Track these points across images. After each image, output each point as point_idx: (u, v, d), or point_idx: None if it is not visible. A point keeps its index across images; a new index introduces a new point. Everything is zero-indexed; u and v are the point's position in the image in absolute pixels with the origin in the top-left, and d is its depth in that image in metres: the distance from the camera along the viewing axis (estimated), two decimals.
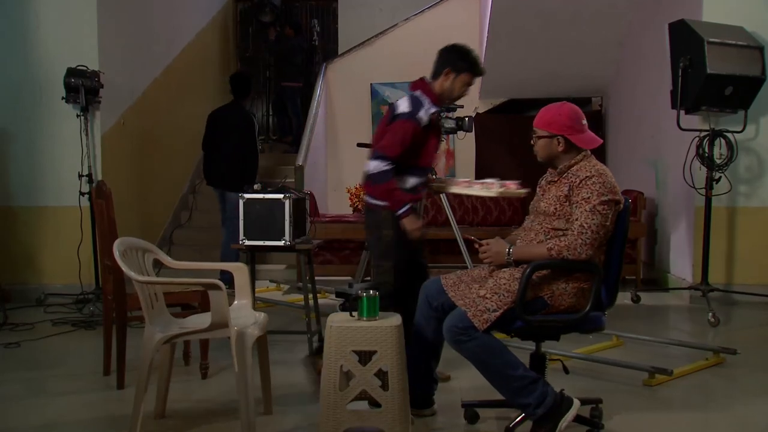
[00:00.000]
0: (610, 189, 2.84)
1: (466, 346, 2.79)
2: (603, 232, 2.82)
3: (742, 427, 3.23)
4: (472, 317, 2.77)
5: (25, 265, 5.99)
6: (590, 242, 2.79)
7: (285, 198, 4.19)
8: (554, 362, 3.20)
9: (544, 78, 8.40)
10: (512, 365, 2.82)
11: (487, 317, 2.77)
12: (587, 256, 2.79)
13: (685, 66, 5.31)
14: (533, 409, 2.81)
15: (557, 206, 2.91)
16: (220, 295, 2.87)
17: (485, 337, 2.78)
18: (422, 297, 3.13)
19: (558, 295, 2.85)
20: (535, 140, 3.00)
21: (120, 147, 6.40)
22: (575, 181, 2.88)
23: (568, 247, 2.79)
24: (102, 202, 3.85)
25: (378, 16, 10.51)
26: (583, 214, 2.81)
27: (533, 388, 2.81)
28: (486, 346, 2.79)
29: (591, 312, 2.86)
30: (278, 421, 3.21)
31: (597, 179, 2.84)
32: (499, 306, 2.79)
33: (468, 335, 2.77)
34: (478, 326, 2.76)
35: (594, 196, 2.82)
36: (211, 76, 9.72)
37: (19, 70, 5.95)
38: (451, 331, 2.80)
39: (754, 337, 4.88)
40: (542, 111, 3.00)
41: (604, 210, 2.82)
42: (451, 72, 3.59)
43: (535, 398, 2.80)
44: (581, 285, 2.86)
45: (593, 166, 2.91)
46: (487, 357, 2.81)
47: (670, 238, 6.58)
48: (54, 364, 4.24)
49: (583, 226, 2.80)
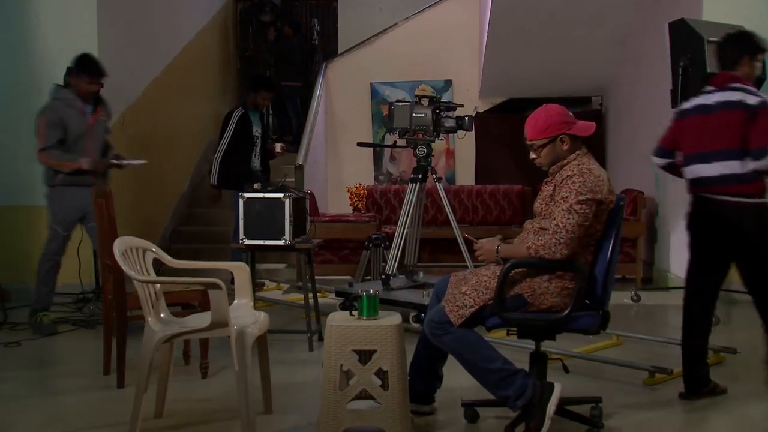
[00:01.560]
0: (590, 188, 2.82)
1: (441, 340, 2.90)
2: (580, 232, 2.82)
3: (742, 426, 3.24)
4: (448, 312, 2.87)
5: (25, 265, 5.97)
6: (565, 242, 2.79)
7: (285, 197, 4.19)
8: (554, 361, 3.20)
9: (544, 77, 8.40)
10: (489, 359, 2.89)
11: (463, 313, 2.85)
12: (562, 256, 2.80)
13: (685, 65, 5.30)
14: (513, 401, 2.87)
15: (543, 206, 2.95)
16: (220, 294, 2.87)
17: (461, 331, 2.87)
18: (433, 294, 3.20)
19: (539, 294, 2.87)
20: (537, 152, 2.98)
21: (120, 146, 6.36)
22: (559, 180, 2.91)
23: (543, 246, 2.81)
24: (102, 202, 3.85)
25: (378, 15, 10.50)
26: (560, 214, 2.82)
27: (512, 380, 2.87)
28: (462, 340, 2.88)
29: (576, 312, 2.85)
30: (278, 421, 3.21)
31: (578, 178, 2.84)
32: (476, 302, 2.86)
33: (443, 329, 2.88)
34: (453, 321, 2.86)
35: (572, 196, 2.82)
36: (211, 76, 9.71)
37: (19, 69, 5.95)
38: (429, 325, 2.93)
39: (755, 336, 4.84)
40: (530, 123, 2.98)
41: (582, 209, 2.81)
42: (749, 57, 3.55)
43: (515, 390, 2.85)
44: (566, 284, 2.87)
45: (579, 165, 2.90)
46: (463, 351, 2.90)
47: (670, 238, 6.58)
48: (54, 364, 4.25)
49: (558, 225, 2.80)
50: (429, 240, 6.39)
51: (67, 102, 4.83)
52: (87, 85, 4.83)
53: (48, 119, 4.76)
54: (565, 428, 3.00)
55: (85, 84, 4.82)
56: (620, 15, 7.54)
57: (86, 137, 4.85)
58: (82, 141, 4.84)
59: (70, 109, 4.81)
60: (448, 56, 9.41)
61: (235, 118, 6.16)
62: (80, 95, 4.84)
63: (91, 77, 4.83)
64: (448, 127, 4.98)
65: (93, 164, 4.80)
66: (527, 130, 2.98)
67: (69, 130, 4.77)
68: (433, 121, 4.90)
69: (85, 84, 4.82)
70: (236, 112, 6.23)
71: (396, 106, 5.00)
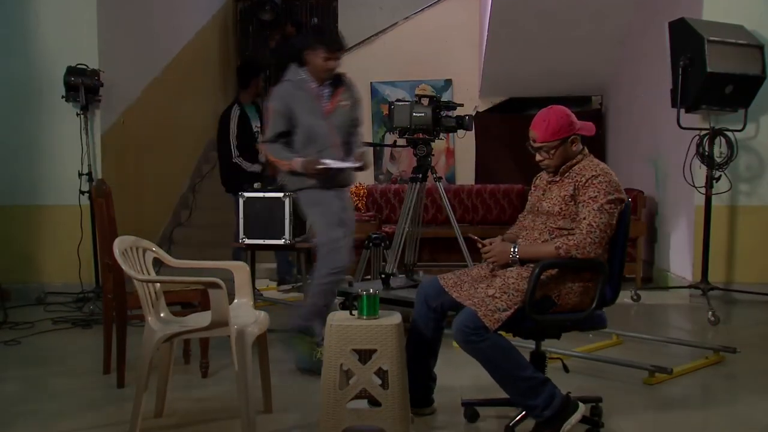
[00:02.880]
0: (615, 188, 2.86)
1: (478, 347, 2.77)
2: (610, 231, 2.84)
3: (742, 425, 3.23)
4: (482, 317, 2.75)
5: (25, 264, 5.99)
6: (599, 241, 2.80)
7: (285, 197, 4.20)
8: (554, 361, 3.20)
9: (544, 76, 8.40)
10: (521, 366, 2.82)
11: (498, 317, 2.75)
12: (596, 255, 2.80)
13: (685, 64, 5.31)
14: (541, 411, 2.80)
15: (562, 206, 2.91)
16: (220, 293, 2.87)
17: (495, 337, 2.77)
18: (420, 297, 3.12)
19: (565, 294, 2.86)
20: (548, 154, 2.95)
21: (120, 145, 6.39)
22: (580, 180, 2.89)
23: (577, 246, 2.79)
24: (102, 201, 3.85)
25: (378, 14, 10.49)
26: (591, 213, 2.82)
27: (541, 389, 2.81)
28: (497, 346, 2.78)
29: (595, 310, 2.88)
30: (278, 420, 3.21)
31: (603, 178, 2.86)
32: (509, 305, 2.77)
33: (479, 335, 2.75)
34: (489, 326, 2.74)
35: (601, 195, 2.83)
36: (211, 75, 9.71)
37: (19, 68, 5.95)
38: (463, 332, 2.77)
39: (754, 335, 4.87)
40: (540, 126, 2.93)
41: (611, 209, 2.83)
42: None
43: (543, 400, 2.80)
44: (586, 283, 2.87)
45: (597, 164, 2.93)
46: (497, 358, 2.80)
47: (670, 237, 6.58)
48: (54, 363, 4.24)
49: (591, 225, 2.80)
50: (429, 239, 6.39)
51: (298, 84, 3.98)
52: (324, 62, 3.97)
53: (273, 107, 3.97)
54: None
55: (322, 60, 3.97)
56: (620, 14, 7.54)
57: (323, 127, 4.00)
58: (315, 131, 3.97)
59: (300, 92, 3.98)
60: (448, 55, 9.40)
61: (235, 116, 6.10)
62: (315, 74, 4.00)
63: (330, 51, 3.97)
64: (448, 127, 4.98)
65: (303, 166, 3.91)
66: (538, 133, 2.94)
67: (297, 118, 3.97)
68: (433, 121, 4.89)
69: (322, 60, 3.97)
70: (234, 110, 6.13)
71: (396, 106, 5.00)
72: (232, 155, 6.07)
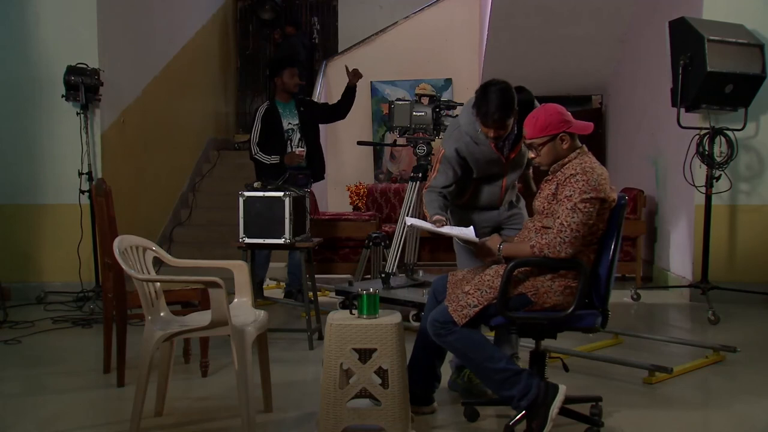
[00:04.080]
0: (593, 187, 2.81)
1: (445, 340, 2.92)
2: (584, 231, 2.82)
3: (742, 425, 3.23)
4: (452, 312, 2.88)
5: (25, 263, 5.99)
6: (569, 240, 2.79)
7: (285, 196, 4.19)
8: (554, 360, 3.20)
9: (544, 75, 8.39)
10: (494, 359, 2.90)
11: (467, 312, 2.86)
12: (567, 255, 2.80)
13: (685, 64, 5.31)
14: (517, 402, 2.87)
15: (545, 204, 2.93)
16: (220, 293, 2.87)
17: (465, 331, 2.88)
18: (430, 293, 3.20)
19: (543, 293, 2.86)
20: (537, 151, 2.95)
21: (120, 145, 6.39)
22: (561, 178, 2.89)
23: (548, 245, 2.81)
24: (102, 200, 3.85)
25: (378, 13, 10.50)
26: (564, 212, 2.82)
27: (516, 380, 2.87)
28: (466, 340, 2.89)
29: (579, 311, 2.85)
30: (278, 419, 3.22)
31: (581, 177, 2.83)
32: (480, 302, 2.86)
33: (447, 329, 2.89)
34: (457, 321, 2.86)
35: (576, 194, 2.81)
36: (211, 74, 9.71)
37: (18, 67, 5.94)
38: (432, 325, 2.93)
39: (754, 334, 4.87)
40: (530, 123, 2.95)
41: (586, 208, 2.80)
42: None
43: (519, 390, 2.86)
44: (568, 283, 2.86)
45: (581, 163, 2.88)
46: (467, 350, 2.91)
47: (670, 236, 6.58)
48: (54, 362, 4.24)
49: (563, 224, 2.80)
50: (429, 239, 6.39)
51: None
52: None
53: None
54: (565, 427, 3.00)
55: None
56: (620, 13, 7.54)
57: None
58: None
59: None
60: (449, 54, 9.40)
61: (260, 114, 5.95)
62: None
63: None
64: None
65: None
66: (526, 129, 2.96)
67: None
68: (433, 120, 4.90)
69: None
70: (261, 108, 5.92)
71: (396, 105, 5.00)
72: (252, 151, 5.99)
